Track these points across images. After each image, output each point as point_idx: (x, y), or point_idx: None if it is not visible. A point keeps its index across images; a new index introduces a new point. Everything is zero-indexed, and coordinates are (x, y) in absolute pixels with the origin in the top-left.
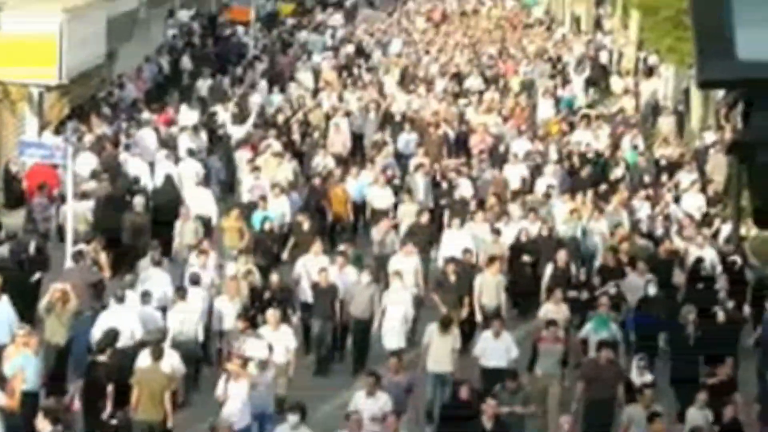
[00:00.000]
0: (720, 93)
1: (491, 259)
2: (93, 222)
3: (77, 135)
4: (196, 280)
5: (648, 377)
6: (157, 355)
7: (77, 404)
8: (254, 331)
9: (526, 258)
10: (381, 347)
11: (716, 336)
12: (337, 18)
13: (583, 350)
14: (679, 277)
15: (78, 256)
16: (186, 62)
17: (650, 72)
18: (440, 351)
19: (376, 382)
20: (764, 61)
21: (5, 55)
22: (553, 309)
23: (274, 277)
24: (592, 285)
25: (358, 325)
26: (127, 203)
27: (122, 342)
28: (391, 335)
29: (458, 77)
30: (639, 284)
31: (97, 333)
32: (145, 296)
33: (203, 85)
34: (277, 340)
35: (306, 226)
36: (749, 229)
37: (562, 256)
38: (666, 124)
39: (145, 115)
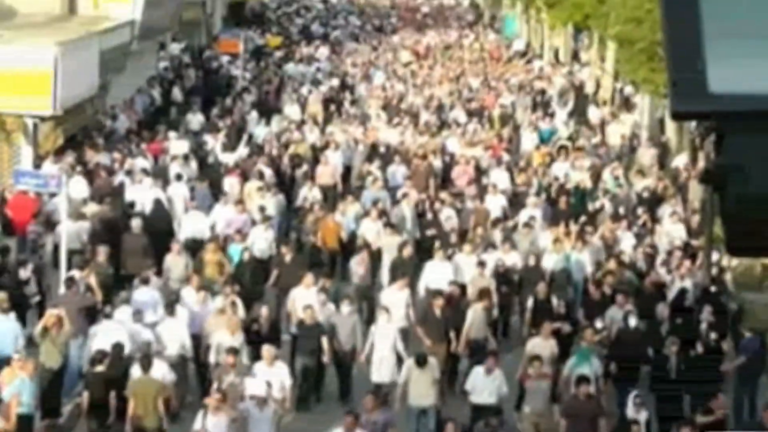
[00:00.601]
0: (693, 123)
1: (482, 293)
2: (89, 242)
3: (72, 164)
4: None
5: (644, 414)
6: (147, 365)
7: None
8: (247, 368)
9: (504, 288)
10: (369, 382)
11: (698, 368)
12: (322, 51)
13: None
14: (662, 310)
15: (70, 282)
16: (177, 93)
17: (626, 102)
18: (420, 385)
19: (354, 420)
20: (735, 93)
21: (1, 87)
22: (541, 344)
23: (263, 310)
24: (575, 318)
25: (340, 355)
26: (124, 225)
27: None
28: (380, 369)
29: (441, 109)
30: (619, 317)
31: (92, 347)
32: (137, 314)
33: (193, 118)
34: (273, 377)
35: (288, 257)
36: (731, 259)
37: (542, 288)
38: (646, 155)
39: (137, 144)
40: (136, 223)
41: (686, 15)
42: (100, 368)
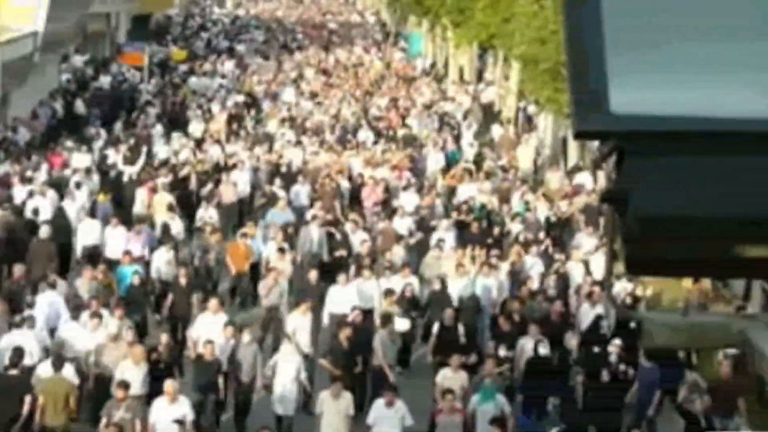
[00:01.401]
0: (595, 143)
1: (385, 318)
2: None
3: None
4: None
5: None
6: (59, 365)
7: None
8: (139, 401)
9: (412, 313)
10: (270, 414)
11: (604, 398)
12: (227, 66)
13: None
14: (571, 340)
15: None
16: (79, 106)
17: (530, 121)
18: (333, 419)
19: None
20: (635, 114)
21: None
22: (450, 376)
23: (163, 338)
24: (480, 347)
25: (239, 388)
26: (28, 232)
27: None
28: (282, 401)
29: (347, 129)
30: (530, 346)
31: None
32: (29, 320)
33: (95, 131)
34: (175, 413)
35: (184, 281)
36: (645, 288)
37: (449, 314)
38: (554, 179)
39: (37, 157)
40: (44, 230)
41: (588, 36)
42: (12, 371)
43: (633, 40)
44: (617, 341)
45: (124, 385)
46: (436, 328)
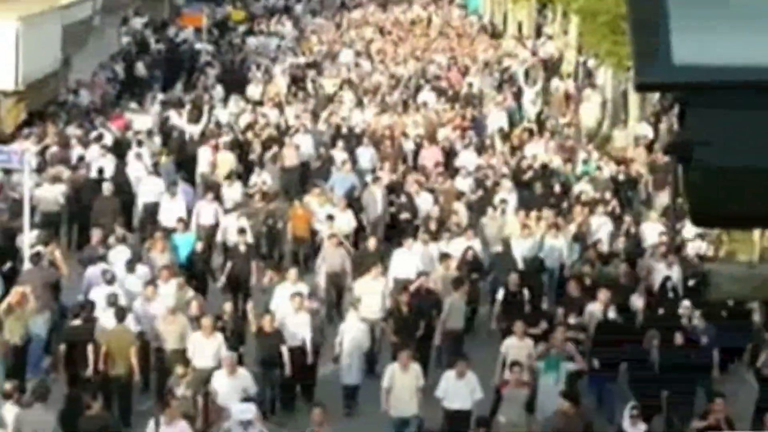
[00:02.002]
0: (657, 95)
1: (457, 282)
2: (65, 204)
3: (35, 139)
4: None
5: (641, 427)
6: (121, 316)
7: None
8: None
9: (474, 276)
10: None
11: (678, 361)
12: (286, 26)
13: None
14: (636, 301)
15: (36, 257)
16: (140, 68)
17: (590, 75)
18: (402, 393)
19: (323, 412)
20: (699, 65)
21: None
22: (516, 344)
23: (227, 306)
24: (548, 313)
25: (304, 359)
26: (95, 188)
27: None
28: (348, 371)
29: (407, 89)
30: (598, 312)
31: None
32: (107, 274)
33: (157, 92)
34: (235, 387)
35: (243, 248)
36: (719, 247)
37: (513, 279)
38: (620, 137)
39: (100, 119)
40: (106, 186)
41: None
42: (76, 322)
43: None
44: (686, 302)
45: (185, 361)
46: (500, 293)
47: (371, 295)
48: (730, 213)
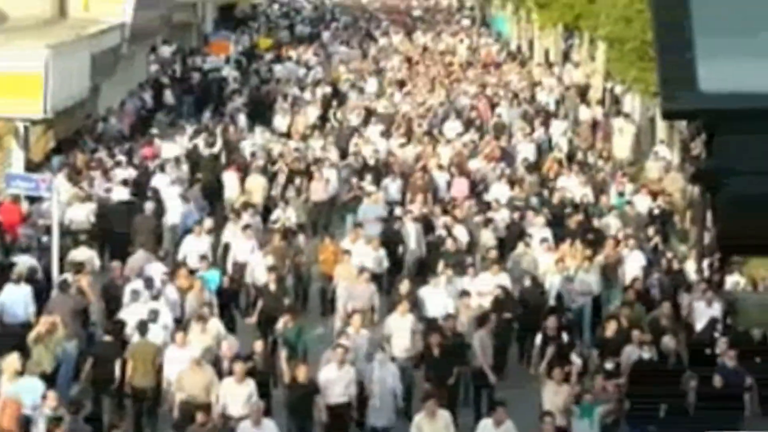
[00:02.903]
0: (684, 122)
1: (483, 318)
2: (97, 224)
3: (63, 167)
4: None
5: None
6: (144, 330)
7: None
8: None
9: (506, 315)
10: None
11: (717, 404)
12: (312, 55)
13: None
14: (669, 342)
15: (63, 285)
16: (168, 96)
17: (617, 102)
18: None
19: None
20: (724, 92)
21: None
22: (553, 391)
23: (258, 345)
24: (585, 356)
25: (335, 412)
26: (133, 207)
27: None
28: (377, 413)
29: (435, 119)
30: (635, 354)
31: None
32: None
33: (184, 120)
34: None
35: (273, 287)
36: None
37: (552, 323)
38: (653, 169)
39: (129, 146)
40: (149, 206)
41: (676, 14)
42: (107, 337)
43: (721, 16)
44: (724, 340)
45: (206, 408)
46: (539, 339)
47: (401, 333)
48: (759, 241)
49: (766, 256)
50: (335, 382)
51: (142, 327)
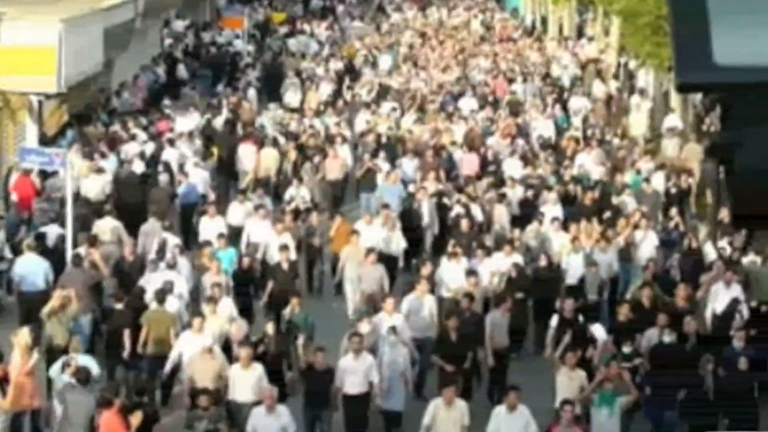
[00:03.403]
0: (699, 96)
1: (499, 298)
2: (114, 193)
3: (76, 141)
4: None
5: None
6: (161, 298)
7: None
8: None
9: (519, 295)
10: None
11: (737, 387)
12: (325, 29)
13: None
14: (689, 324)
15: (76, 259)
16: (182, 71)
17: (631, 77)
18: (446, 430)
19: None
20: (740, 65)
21: (6, 65)
22: (568, 377)
23: (270, 328)
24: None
25: (353, 400)
26: (147, 180)
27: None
28: (387, 396)
29: (449, 96)
30: (656, 337)
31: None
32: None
33: (199, 95)
34: (272, 427)
35: (286, 266)
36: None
37: (569, 305)
38: (669, 147)
39: (143, 120)
40: (163, 178)
41: None
42: (119, 306)
43: None
44: (742, 325)
45: (208, 392)
46: (554, 320)
47: (418, 314)
48: None
49: None
50: (353, 372)
51: (160, 296)
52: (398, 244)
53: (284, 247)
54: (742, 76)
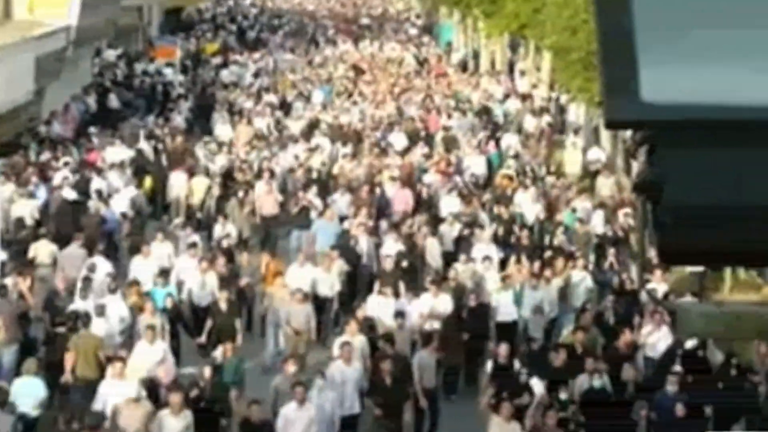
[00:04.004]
0: (628, 132)
1: (427, 337)
2: (48, 219)
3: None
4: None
5: None
6: (87, 322)
7: None
8: None
9: (461, 335)
10: None
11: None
12: (258, 61)
13: None
14: (628, 371)
15: (2, 289)
16: (113, 100)
17: (562, 111)
18: None
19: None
20: (667, 103)
21: None
22: (500, 428)
23: (208, 372)
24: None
25: None
26: (78, 207)
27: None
28: None
29: (382, 131)
30: (587, 384)
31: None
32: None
33: (128, 125)
34: None
35: (224, 306)
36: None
37: (503, 350)
38: (606, 185)
39: (72, 150)
40: (92, 205)
41: (619, 24)
42: (61, 329)
43: (665, 27)
44: (677, 367)
45: None
46: (489, 367)
47: (354, 350)
48: (699, 250)
49: (707, 266)
50: (294, 422)
51: (85, 319)
52: (333, 286)
53: (223, 287)
54: (669, 113)
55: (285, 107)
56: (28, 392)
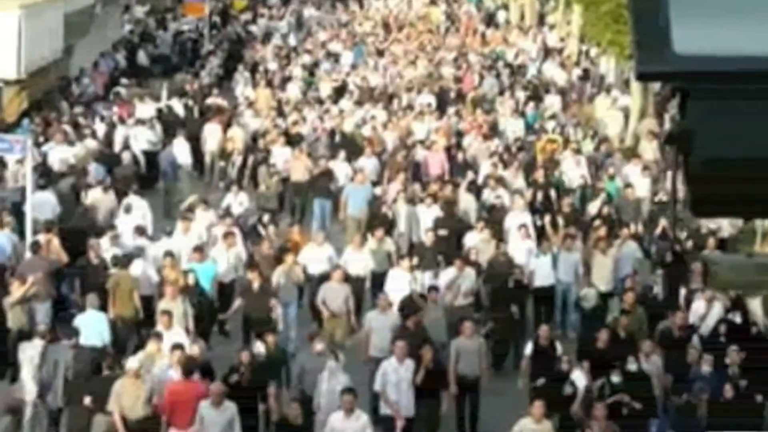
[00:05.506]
0: (658, 85)
1: (464, 319)
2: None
3: (38, 128)
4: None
5: None
6: (125, 263)
7: None
8: None
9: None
10: None
11: (730, 418)
12: (287, 20)
13: None
14: (693, 354)
15: (35, 246)
16: (142, 57)
17: (592, 64)
18: None
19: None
20: (699, 54)
21: None
22: (531, 428)
23: (245, 356)
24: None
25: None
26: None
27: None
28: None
29: (413, 92)
30: (634, 367)
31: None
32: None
33: (158, 81)
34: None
35: (257, 285)
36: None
37: (544, 332)
38: (649, 150)
39: (103, 108)
40: (125, 155)
41: None
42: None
43: None
44: (734, 347)
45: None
46: (529, 348)
47: (380, 331)
48: (731, 202)
49: (739, 217)
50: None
51: (123, 260)
52: (366, 266)
53: (255, 266)
54: (701, 65)
55: (316, 68)
56: (93, 325)
